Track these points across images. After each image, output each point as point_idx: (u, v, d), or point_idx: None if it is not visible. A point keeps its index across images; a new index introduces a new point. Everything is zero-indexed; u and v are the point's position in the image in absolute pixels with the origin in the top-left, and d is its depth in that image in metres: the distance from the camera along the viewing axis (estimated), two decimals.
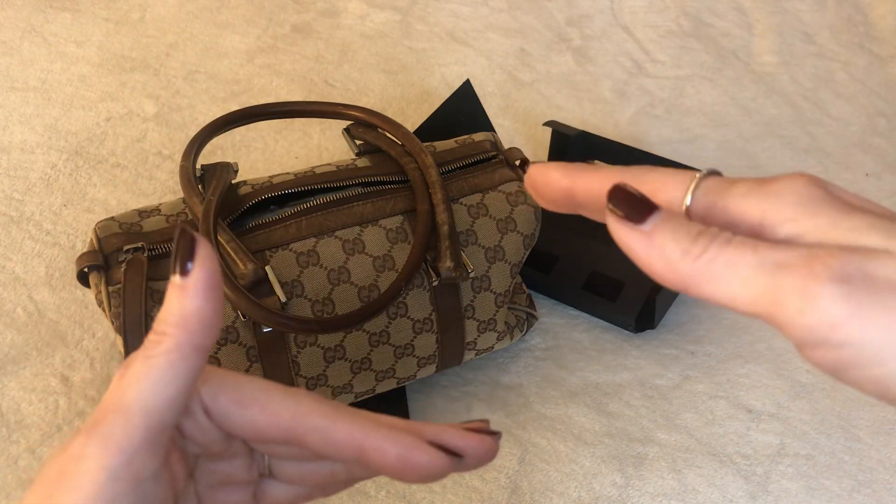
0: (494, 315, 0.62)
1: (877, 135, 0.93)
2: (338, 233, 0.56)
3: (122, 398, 0.26)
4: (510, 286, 0.62)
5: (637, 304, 0.69)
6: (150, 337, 0.27)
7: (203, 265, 0.27)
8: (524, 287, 0.69)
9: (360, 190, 0.58)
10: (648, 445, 0.63)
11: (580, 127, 0.92)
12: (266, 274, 0.52)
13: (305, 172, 0.58)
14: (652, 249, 0.25)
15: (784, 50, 1.06)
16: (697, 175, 0.27)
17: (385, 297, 0.53)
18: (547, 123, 0.81)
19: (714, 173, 0.27)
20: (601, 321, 0.72)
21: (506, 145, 0.90)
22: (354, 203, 0.57)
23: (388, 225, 0.57)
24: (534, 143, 0.91)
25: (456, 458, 0.29)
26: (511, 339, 0.66)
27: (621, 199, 0.26)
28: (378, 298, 0.54)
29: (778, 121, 0.95)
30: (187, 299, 0.26)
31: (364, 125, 0.62)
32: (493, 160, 0.63)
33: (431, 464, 0.28)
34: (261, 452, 0.31)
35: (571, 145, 0.80)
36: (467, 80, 0.71)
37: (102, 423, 0.26)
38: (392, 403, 0.63)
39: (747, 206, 0.26)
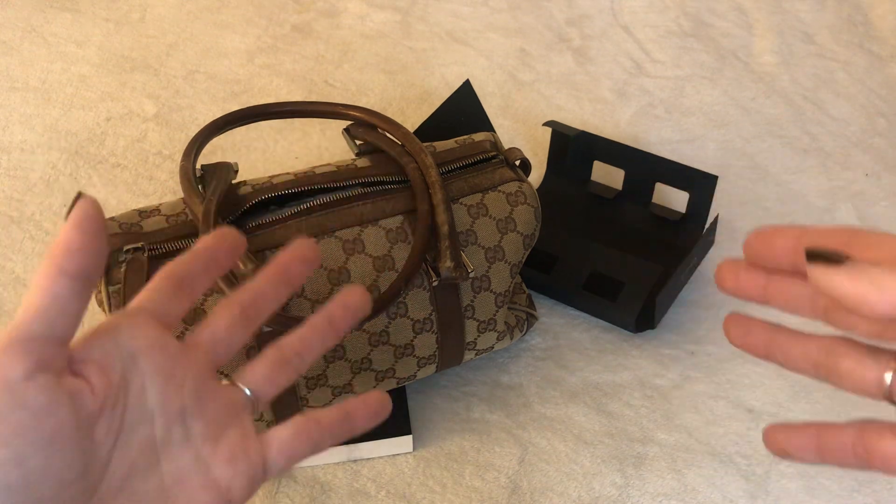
0: (494, 315, 0.62)
1: (877, 135, 0.93)
2: (338, 233, 0.56)
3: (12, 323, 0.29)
4: (510, 286, 0.62)
5: (637, 304, 0.69)
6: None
7: (78, 208, 0.30)
8: (524, 287, 0.69)
9: (360, 190, 0.58)
10: (648, 445, 0.63)
11: (580, 127, 0.92)
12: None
13: (306, 172, 0.58)
14: (860, 281, 0.27)
15: (784, 50, 1.06)
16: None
17: (385, 298, 0.53)
18: (547, 123, 0.81)
19: None
20: (601, 321, 0.72)
21: (506, 145, 0.90)
22: (354, 203, 0.57)
23: (388, 225, 0.57)
24: (534, 143, 0.91)
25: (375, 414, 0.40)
26: (511, 339, 0.66)
27: (819, 254, 0.29)
28: (378, 299, 0.54)
29: (778, 121, 0.95)
30: (63, 230, 0.30)
31: (364, 125, 0.62)
32: (493, 160, 0.63)
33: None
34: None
35: (571, 145, 0.80)
36: (467, 81, 0.71)
37: None
38: (392, 404, 0.63)
39: None
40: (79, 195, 0.30)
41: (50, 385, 0.28)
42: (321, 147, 0.91)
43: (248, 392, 0.35)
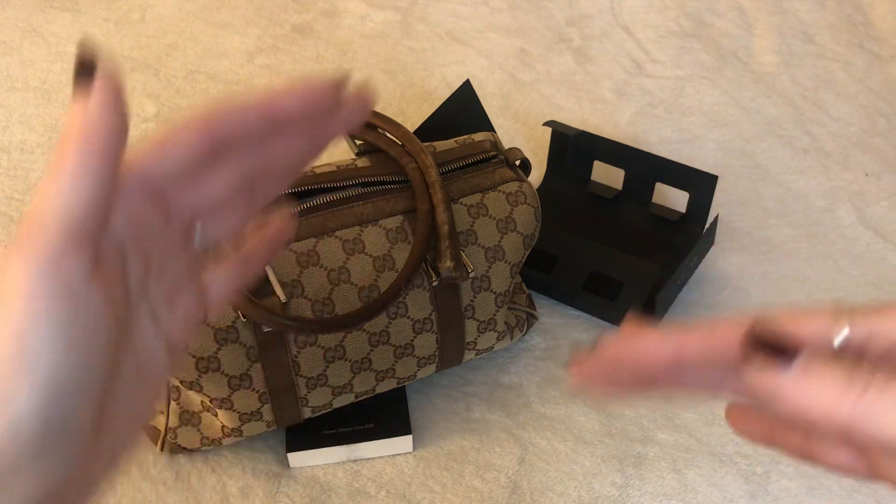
0: (494, 315, 0.62)
1: (877, 135, 0.93)
2: (338, 233, 0.56)
3: (35, 214, 0.25)
4: (510, 286, 0.62)
5: (637, 304, 0.69)
6: (57, 147, 0.26)
7: (102, 79, 0.26)
8: (524, 287, 0.69)
9: (360, 190, 0.58)
10: (648, 445, 0.63)
11: (580, 127, 0.92)
12: (266, 274, 0.52)
13: (305, 172, 0.58)
14: (806, 393, 0.24)
15: (784, 50, 1.06)
16: (836, 310, 0.26)
17: (385, 298, 0.53)
18: (547, 123, 0.81)
19: (846, 306, 0.26)
20: (601, 321, 0.72)
21: (506, 145, 0.90)
22: (354, 203, 0.57)
23: (388, 225, 0.57)
24: (534, 143, 0.91)
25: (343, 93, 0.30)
26: (511, 338, 0.66)
27: (762, 341, 0.24)
28: (378, 298, 0.54)
29: (778, 121, 0.95)
30: (88, 110, 0.26)
31: (364, 125, 0.62)
32: (493, 160, 0.63)
33: (324, 93, 0.29)
34: (196, 220, 0.31)
35: (571, 145, 0.80)
36: (467, 80, 0.71)
37: (20, 237, 0.25)
38: (392, 403, 0.64)
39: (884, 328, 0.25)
40: (87, 53, 0.26)
41: (105, 284, 0.26)
42: None
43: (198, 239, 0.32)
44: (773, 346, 0.24)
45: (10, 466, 0.23)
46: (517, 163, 0.63)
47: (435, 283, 0.57)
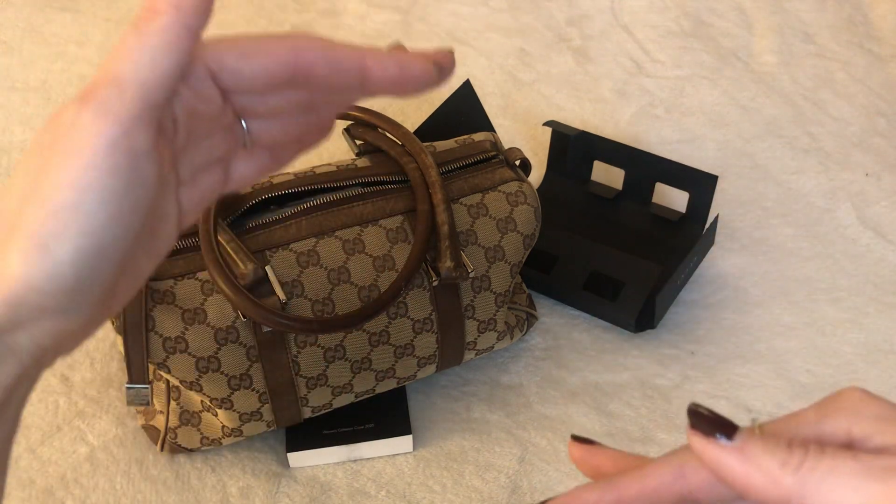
0: (494, 315, 0.62)
1: (877, 135, 0.93)
2: (338, 233, 0.56)
3: (117, 72, 0.26)
4: (510, 286, 0.62)
5: (637, 304, 0.69)
6: (142, 14, 0.26)
7: None
8: (524, 287, 0.69)
9: (360, 190, 0.58)
10: (648, 445, 0.63)
11: (580, 127, 0.92)
12: (266, 274, 0.52)
13: (305, 172, 0.58)
14: (749, 465, 0.25)
15: (784, 50, 1.06)
16: (753, 422, 0.27)
17: (385, 298, 0.53)
18: (547, 123, 0.81)
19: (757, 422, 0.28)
20: (601, 321, 0.72)
21: (506, 145, 0.90)
22: (354, 203, 0.57)
23: (388, 225, 0.57)
24: (534, 143, 0.91)
25: (439, 70, 0.30)
26: (511, 339, 0.66)
27: (704, 419, 0.26)
28: (378, 298, 0.54)
29: (778, 121, 0.95)
30: None
31: (364, 125, 0.62)
32: (492, 160, 0.63)
33: (426, 73, 0.29)
34: (246, 117, 0.31)
35: (571, 145, 0.80)
36: (467, 80, 0.71)
37: (96, 94, 0.25)
38: (392, 403, 0.64)
39: (830, 429, 0.26)
40: None
41: (160, 155, 0.27)
42: (321, 147, 0.91)
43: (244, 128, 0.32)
44: (712, 422, 0.26)
45: (38, 306, 0.25)
46: (517, 163, 0.63)
47: (435, 283, 0.57)
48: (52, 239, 0.24)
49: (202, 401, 0.57)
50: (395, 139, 0.61)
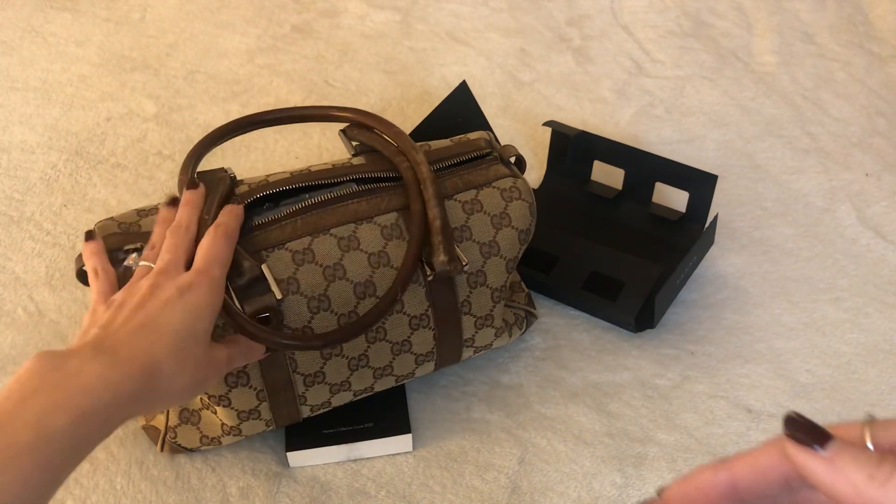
0: (491, 311, 0.62)
1: (877, 135, 0.93)
2: (333, 230, 0.56)
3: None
4: (506, 281, 0.62)
5: (637, 304, 0.69)
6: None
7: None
8: (523, 286, 0.69)
9: (354, 188, 0.58)
10: (648, 445, 0.63)
11: (580, 127, 0.92)
12: (262, 272, 0.53)
13: (301, 171, 0.58)
14: (836, 474, 0.26)
15: (784, 50, 1.06)
16: (865, 421, 0.28)
17: (382, 305, 0.54)
18: (547, 123, 0.81)
19: (873, 418, 0.29)
20: (601, 321, 0.72)
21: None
22: (349, 201, 0.57)
23: (383, 222, 0.57)
24: (534, 143, 0.91)
25: None
26: (510, 336, 0.65)
27: (799, 427, 0.28)
28: (375, 306, 0.54)
29: (778, 121, 0.95)
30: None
31: (360, 126, 0.62)
32: (487, 157, 0.63)
33: None
34: None
35: (571, 145, 0.80)
36: (463, 81, 0.71)
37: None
38: (392, 403, 0.64)
39: None
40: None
41: None
42: (321, 147, 0.91)
43: None
44: (807, 430, 0.28)
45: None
46: (512, 159, 0.63)
47: (430, 278, 0.57)
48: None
49: (201, 398, 0.57)
50: (388, 139, 0.61)
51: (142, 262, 0.49)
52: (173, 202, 0.54)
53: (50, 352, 0.40)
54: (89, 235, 0.53)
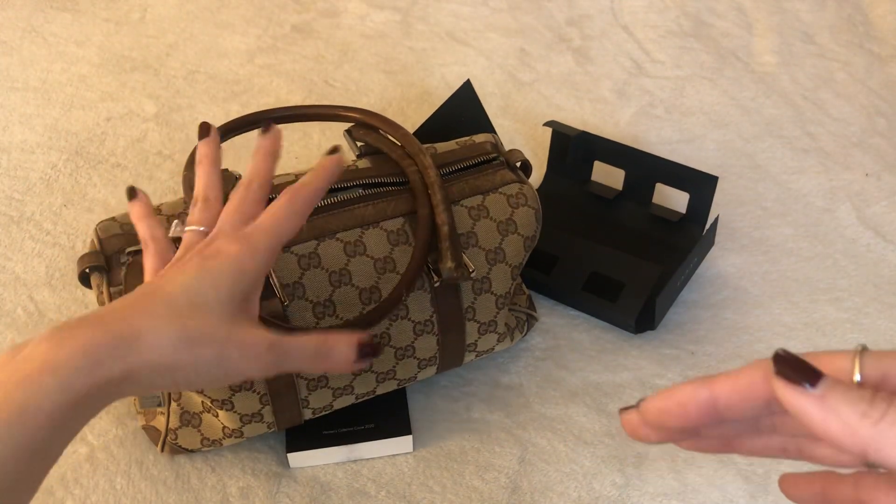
0: (495, 317, 0.62)
1: (877, 135, 0.93)
2: (339, 235, 0.56)
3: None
4: (511, 288, 0.62)
5: (637, 304, 0.69)
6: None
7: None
8: (524, 288, 0.69)
9: (360, 192, 0.58)
10: (648, 445, 0.63)
11: (580, 127, 0.92)
12: (267, 277, 0.53)
13: (303, 172, 0.58)
14: (827, 413, 0.25)
15: (784, 50, 1.06)
16: (856, 350, 0.28)
17: (386, 305, 0.53)
18: (547, 124, 0.81)
19: (865, 348, 0.28)
20: (601, 321, 0.72)
21: (506, 145, 0.90)
22: (355, 205, 0.57)
23: (389, 227, 0.57)
24: (534, 144, 0.91)
25: None
26: (511, 340, 0.66)
27: (788, 364, 0.26)
28: (379, 306, 0.54)
29: (778, 121, 0.95)
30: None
31: (365, 127, 0.62)
32: (493, 162, 0.63)
33: None
34: None
35: (571, 145, 0.80)
36: (467, 81, 0.71)
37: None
38: (392, 404, 0.64)
39: None
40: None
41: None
42: (322, 147, 0.91)
43: None
44: (796, 367, 0.26)
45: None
46: (518, 164, 0.63)
47: (436, 284, 0.57)
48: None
49: (203, 402, 0.57)
50: (394, 141, 0.61)
51: (188, 228, 0.43)
52: (205, 130, 0.47)
53: (22, 342, 0.35)
54: (132, 193, 0.46)
